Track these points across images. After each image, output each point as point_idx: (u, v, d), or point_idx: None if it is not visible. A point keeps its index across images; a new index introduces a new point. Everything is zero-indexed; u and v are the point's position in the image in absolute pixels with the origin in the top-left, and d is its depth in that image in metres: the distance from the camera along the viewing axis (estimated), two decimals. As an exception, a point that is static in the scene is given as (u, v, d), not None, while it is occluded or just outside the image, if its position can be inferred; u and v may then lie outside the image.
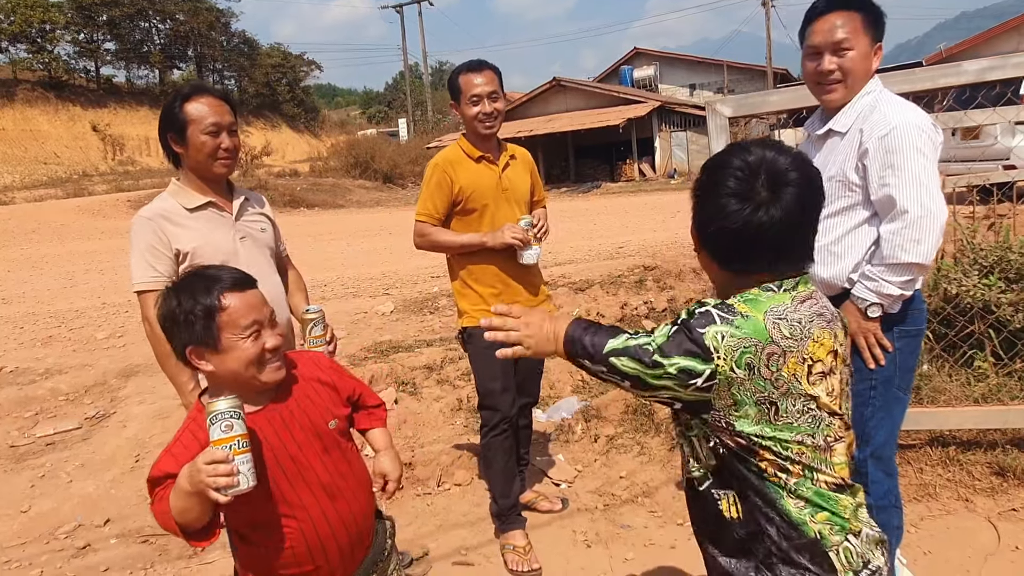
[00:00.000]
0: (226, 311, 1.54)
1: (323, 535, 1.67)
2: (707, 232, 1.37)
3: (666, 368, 1.28)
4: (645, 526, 3.05)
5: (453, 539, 3.11)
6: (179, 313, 1.55)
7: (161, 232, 2.22)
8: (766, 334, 1.27)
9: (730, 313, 1.29)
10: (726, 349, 1.26)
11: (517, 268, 2.87)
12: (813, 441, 1.30)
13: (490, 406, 2.92)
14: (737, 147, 1.37)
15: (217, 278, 1.59)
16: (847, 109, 2.11)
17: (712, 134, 3.03)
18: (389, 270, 10.02)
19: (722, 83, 36.75)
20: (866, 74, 2.08)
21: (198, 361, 1.57)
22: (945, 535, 2.69)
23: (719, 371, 1.26)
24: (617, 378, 1.34)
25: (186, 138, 2.24)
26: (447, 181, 2.81)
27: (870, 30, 2.05)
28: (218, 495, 1.40)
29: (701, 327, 1.28)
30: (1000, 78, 2.79)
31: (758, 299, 1.32)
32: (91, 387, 5.55)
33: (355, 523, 1.73)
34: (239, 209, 2.38)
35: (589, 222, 14.94)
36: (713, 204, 1.33)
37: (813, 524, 1.29)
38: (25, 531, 3.42)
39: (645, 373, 1.30)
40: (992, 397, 3.21)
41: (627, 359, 1.31)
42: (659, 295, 6.53)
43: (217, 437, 1.43)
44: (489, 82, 2.79)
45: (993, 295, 3.39)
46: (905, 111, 2.04)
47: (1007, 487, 2.89)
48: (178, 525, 1.50)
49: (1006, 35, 20.53)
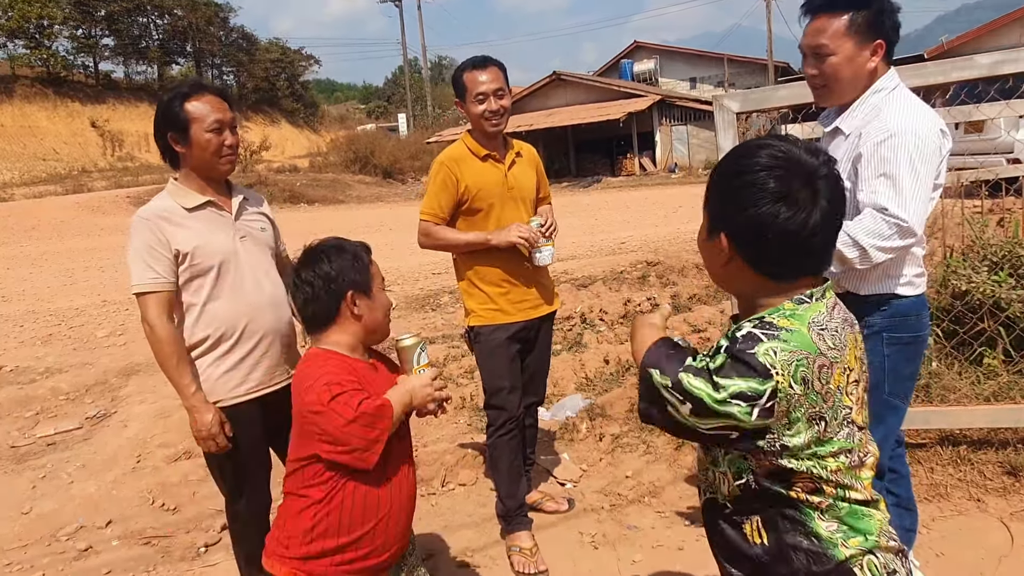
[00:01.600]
0: (374, 265, 1.87)
1: (402, 496, 1.82)
2: (744, 241, 1.27)
3: (729, 389, 1.19)
4: (652, 527, 3.02)
5: (458, 540, 3.08)
6: (346, 264, 1.79)
7: (160, 233, 2.18)
8: (814, 346, 1.21)
9: (773, 329, 1.22)
10: (782, 364, 1.18)
11: (524, 268, 2.83)
12: (849, 458, 1.25)
13: (497, 405, 2.89)
14: (757, 146, 1.29)
15: (354, 243, 1.89)
16: (854, 108, 2.06)
17: (720, 129, 2.99)
18: (390, 266, 9.98)
19: (723, 77, 36.63)
20: (857, 76, 2.02)
21: (353, 306, 1.77)
22: (957, 536, 2.66)
23: (780, 388, 1.18)
24: (679, 398, 1.25)
25: (189, 137, 2.20)
26: (452, 180, 2.77)
27: (859, 31, 1.98)
28: (435, 405, 1.82)
29: (750, 348, 1.20)
30: (1014, 72, 2.74)
31: (796, 312, 1.25)
32: (92, 386, 5.52)
33: (412, 501, 1.89)
34: (238, 208, 2.35)
35: (590, 217, 14.90)
36: (752, 211, 1.24)
37: (844, 548, 1.24)
38: (26, 533, 3.39)
39: (709, 396, 1.21)
40: (1003, 395, 3.17)
41: (696, 378, 1.23)
42: (662, 291, 6.50)
43: (426, 361, 1.85)
44: (495, 79, 2.74)
45: (1003, 291, 3.35)
46: (909, 117, 1.96)
47: (1019, 487, 2.85)
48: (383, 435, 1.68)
49: (1007, 27, 20.42)
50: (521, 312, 2.86)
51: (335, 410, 1.61)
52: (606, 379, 4.59)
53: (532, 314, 2.89)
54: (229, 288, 2.26)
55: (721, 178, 1.32)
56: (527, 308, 2.87)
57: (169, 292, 2.20)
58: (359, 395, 1.64)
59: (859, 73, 2.02)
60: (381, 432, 1.65)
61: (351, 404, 1.61)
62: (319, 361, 1.73)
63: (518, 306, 2.85)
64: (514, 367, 2.88)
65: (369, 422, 1.63)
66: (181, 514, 3.50)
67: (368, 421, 1.63)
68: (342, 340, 1.78)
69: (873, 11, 1.97)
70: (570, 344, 5.41)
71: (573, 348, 5.30)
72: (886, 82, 2.04)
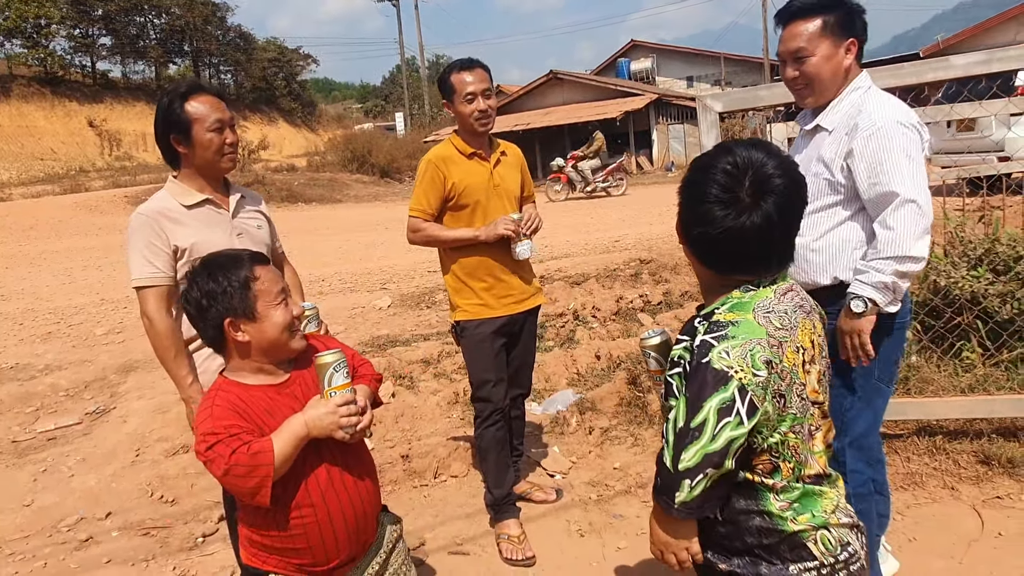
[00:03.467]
0: (259, 280, 1.68)
1: (335, 519, 1.74)
2: (690, 234, 1.40)
3: (708, 421, 1.25)
4: (638, 516, 3.10)
5: (450, 530, 3.16)
6: (217, 288, 1.65)
7: (159, 229, 2.24)
8: (762, 329, 1.30)
9: (719, 328, 1.31)
10: (737, 359, 1.26)
11: (508, 262, 2.93)
12: (801, 430, 1.34)
13: (483, 397, 2.97)
14: (724, 148, 1.38)
15: (239, 256, 1.73)
16: (835, 105, 2.14)
17: (703, 129, 3.07)
18: (386, 265, 10.06)
19: (719, 75, 36.70)
20: (836, 74, 2.11)
21: (235, 333, 1.67)
22: (931, 522, 2.75)
23: (745, 383, 1.25)
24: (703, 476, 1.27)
25: (192, 137, 2.26)
26: (440, 177, 2.86)
27: (833, 31, 2.08)
28: (345, 434, 1.64)
29: (703, 358, 1.29)
30: (985, 72, 2.82)
31: (742, 300, 1.35)
32: (91, 383, 5.60)
33: (363, 509, 1.80)
34: (236, 206, 2.41)
35: (586, 215, 14.98)
36: (696, 207, 1.35)
37: (793, 524, 1.33)
38: (28, 524, 3.47)
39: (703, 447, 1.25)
40: (979, 387, 3.26)
41: (686, 452, 1.27)
42: (654, 288, 6.58)
43: (340, 383, 1.64)
44: (482, 80, 2.83)
45: (981, 286, 3.44)
46: (890, 109, 2.05)
47: (992, 475, 2.94)
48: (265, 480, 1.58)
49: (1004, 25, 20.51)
50: (505, 307, 2.95)
51: (211, 461, 1.57)
52: (597, 375, 4.67)
53: (516, 309, 2.99)
54: None
55: (686, 176, 1.43)
56: (511, 303, 2.97)
57: (168, 287, 2.26)
58: (234, 443, 1.56)
59: (837, 71, 2.11)
60: (261, 479, 1.56)
61: (224, 456, 1.55)
62: (209, 399, 1.68)
63: (502, 301, 2.94)
64: (499, 360, 2.96)
65: (244, 473, 1.55)
66: (179, 506, 3.59)
67: (242, 472, 1.55)
68: (243, 366, 1.71)
69: (843, 12, 2.08)
70: (562, 340, 5.49)
71: (565, 344, 5.38)
72: (861, 81, 2.14)
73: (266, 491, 1.58)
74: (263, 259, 1.76)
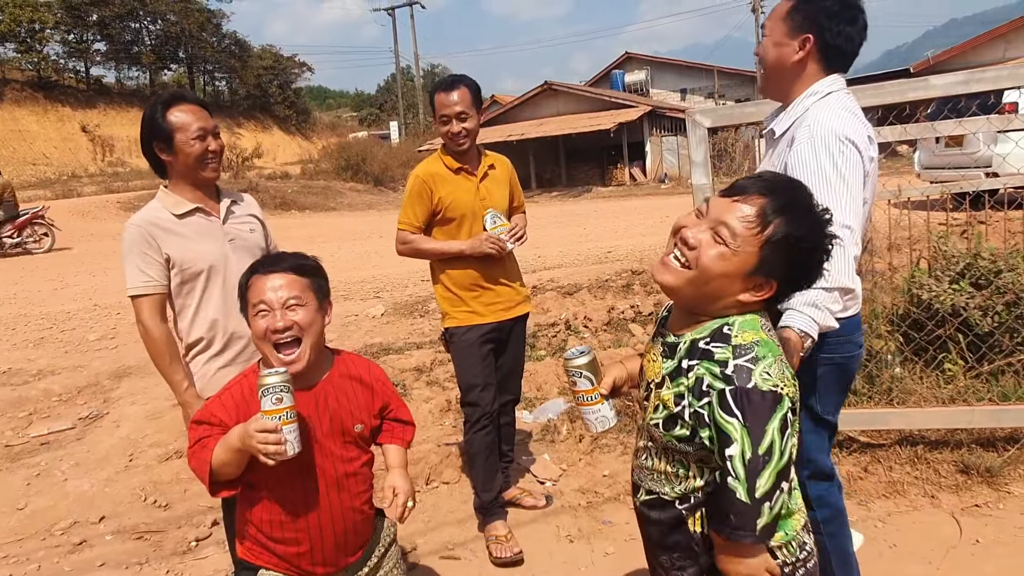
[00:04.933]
0: (250, 289, 1.77)
1: (323, 520, 1.80)
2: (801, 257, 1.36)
3: (775, 441, 1.26)
4: (626, 522, 3.15)
5: (441, 535, 3.21)
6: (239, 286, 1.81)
7: (151, 239, 2.28)
8: (777, 347, 1.35)
9: (747, 351, 1.31)
10: (778, 375, 1.30)
11: (495, 271, 3.02)
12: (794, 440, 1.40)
13: (471, 402, 3.05)
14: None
15: (260, 260, 1.84)
16: (790, 109, 2.01)
17: (692, 144, 3.14)
18: (380, 273, 10.10)
19: (713, 88, 37.04)
20: (780, 64, 1.99)
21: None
22: (911, 529, 2.81)
23: (791, 396, 1.30)
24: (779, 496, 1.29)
25: (174, 146, 2.30)
26: (427, 192, 2.95)
27: (793, 20, 1.96)
28: (266, 459, 1.58)
29: (747, 384, 1.28)
30: (964, 93, 2.92)
31: (744, 320, 1.37)
32: (84, 388, 5.61)
33: (353, 518, 1.84)
34: (226, 212, 2.44)
35: (579, 226, 15.07)
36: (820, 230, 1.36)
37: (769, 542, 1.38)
38: (22, 528, 3.49)
39: (778, 464, 1.27)
40: (959, 398, 3.34)
41: (762, 477, 1.26)
42: (646, 299, 6.65)
43: (268, 408, 1.58)
44: (460, 101, 2.86)
45: (962, 300, 3.52)
46: (831, 120, 1.87)
47: (971, 484, 3.02)
48: (211, 473, 1.66)
49: (992, 43, 20.84)
50: (493, 314, 3.03)
51: (189, 437, 1.76)
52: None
53: (504, 316, 3.07)
54: (219, 291, 2.35)
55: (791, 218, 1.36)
56: (499, 310, 3.05)
57: (161, 295, 2.31)
58: (203, 432, 1.71)
59: (783, 62, 1.98)
60: (202, 475, 1.67)
61: (191, 440, 1.73)
62: (229, 384, 1.83)
63: (490, 308, 3.03)
64: (487, 365, 3.04)
65: (194, 464, 1.70)
66: (172, 511, 3.61)
67: (193, 464, 1.71)
68: None
69: (813, 7, 1.93)
70: (555, 350, 5.55)
71: (557, 353, 5.44)
72: (820, 87, 1.96)
73: (208, 487, 1.68)
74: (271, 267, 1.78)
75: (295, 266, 1.79)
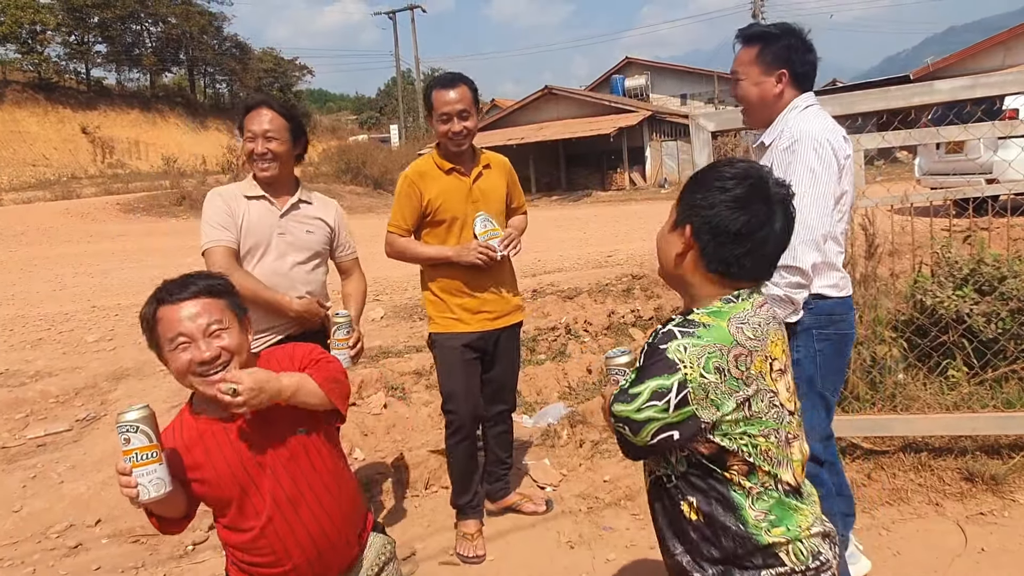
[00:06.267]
0: (160, 323, 1.62)
1: (287, 543, 1.69)
2: (708, 232, 1.40)
3: (642, 395, 1.35)
4: (627, 528, 3.13)
5: (440, 540, 3.18)
6: (142, 320, 1.68)
7: (227, 204, 2.62)
8: (731, 338, 1.36)
9: (691, 326, 1.39)
10: (691, 358, 1.34)
11: (484, 279, 2.94)
12: (777, 437, 1.39)
13: (451, 410, 3.02)
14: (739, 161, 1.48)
15: (162, 288, 1.65)
16: (776, 124, 2.30)
17: (696, 148, 3.13)
18: (379, 276, 10.07)
19: (713, 93, 37.07)
20: (764, 99, 2.29)
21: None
22: (915, 537, 2.79)
23: (689, 379, 1.33)
24: (619, 426, 1.40)
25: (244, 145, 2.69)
26: (416, 193, 2.89)
27: (764, 61, 2.26)
28: (132, 503, 1.50)
29: (663, 344, 1.37)
30: (969, 97, 2.91)
31: (721, 310, 1.41)
32: (81, 390, 5.57)
33: (322, 532, 1.72)
34: (288, 208, 2.70)
35: (579, 230, 15.05)
36: (718, 207, 1.39)
37: (767, 536, 1.37)
38: (17, 530, 3.46)
39: (629, 411, 1.37)
40: (964, 405, 3.32)
41: (618, 404, 1.39)
42: (646, 303, 6.63)
43: (121, 449, 1.48)
44: (460, 100, 2.80)
45: (966, 306, 3.50)
46: (808, 124, 2.18)
47: (975, 492, 2.99)
48: (154, 515, 1.62)
49: (992, 50, 20.89)
50: (478, 323, 2.96)
51: None
52: (588, 388, 4.71)
53: (489, 325, 2.99)
54: (255, 271, 2.63)
55: (698, 177, 1.48)
56: (484, 319, 2.97)
57: (233, 248, 2.60)
58: None
59: (765, 97, 2.30)
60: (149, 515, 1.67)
61: None
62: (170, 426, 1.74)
63: (475, 316, 2.96)
64: (468, 373, 2.97)
65: None
66: (169, 514, 3.58)
67: None
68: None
69: (780, 46, 2.26)
70: (554, 354, 5.53)
71: (557, 357, 5.42)
72: (800, 102, 2.28)
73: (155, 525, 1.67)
74: (182, 293, 1.63)
75: (206, 288, 1.65)
